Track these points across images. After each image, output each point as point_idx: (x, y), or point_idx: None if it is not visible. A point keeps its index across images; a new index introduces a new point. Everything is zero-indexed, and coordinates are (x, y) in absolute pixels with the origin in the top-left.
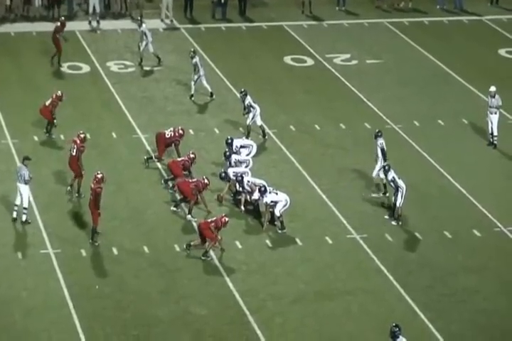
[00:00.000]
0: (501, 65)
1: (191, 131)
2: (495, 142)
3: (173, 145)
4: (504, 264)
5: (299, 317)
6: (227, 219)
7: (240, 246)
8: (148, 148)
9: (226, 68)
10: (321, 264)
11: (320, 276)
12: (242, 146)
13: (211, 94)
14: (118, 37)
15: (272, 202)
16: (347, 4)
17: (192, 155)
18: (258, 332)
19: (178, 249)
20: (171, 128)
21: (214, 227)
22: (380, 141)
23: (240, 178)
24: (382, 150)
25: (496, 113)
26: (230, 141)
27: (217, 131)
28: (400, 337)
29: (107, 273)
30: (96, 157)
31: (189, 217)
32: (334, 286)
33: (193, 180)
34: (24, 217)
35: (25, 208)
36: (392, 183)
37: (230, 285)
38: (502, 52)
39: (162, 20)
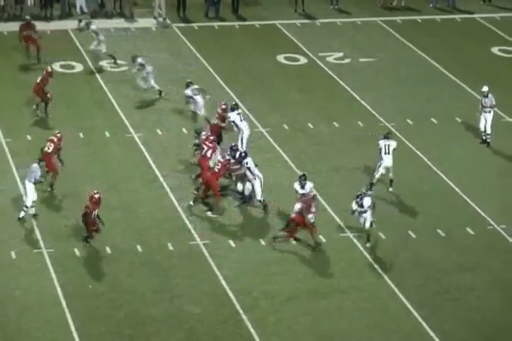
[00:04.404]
0: (494, 63)
1: (184, 130)
2: (488, 140)
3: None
4: (497, 262)
5: (293, 316)
6: None
7: (233, 245)
8: (142, 146)
9: (219, 67)
10: (315, 263)
11: (313, 275)
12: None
13: (159, 93)
14: (111, 36)
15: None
16: (340, 3)
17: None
18: (252, 330)
19: (171, 247)
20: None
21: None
22: (385, 142)
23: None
24: (380, 149)
25: (490, 112)
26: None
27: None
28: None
29: (101, 272)
30: (89, 156)
31: (209, 213)
32: (328, 284)
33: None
34: (22, 214)
35: (26, 206)
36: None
37: (224, 283)
38: (495, 50)
39: (155, 19)
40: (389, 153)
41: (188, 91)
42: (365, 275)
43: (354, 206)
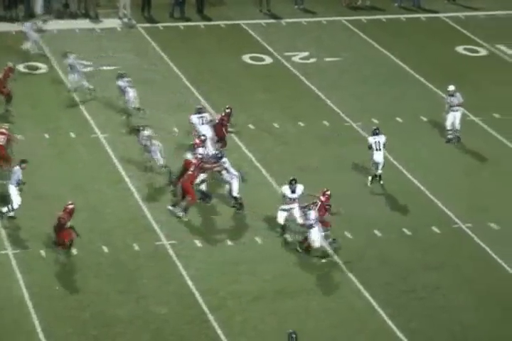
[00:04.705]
0: (459, 62)
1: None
2: (449, 136)
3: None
4: (463, 261)
5: (259, 316)
6: None
7: (199, 245)
8: (107, 147)
9: (184, 67)
10: (281, 262)
11: (280, 274)
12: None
13: (90, 91)
14: (76, 36)
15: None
16: (305, 2)
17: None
18: (218, 330)
19: (137, 248)
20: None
21: None
22: (375, 139)
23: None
24: (370, 146)
25: (458, 110)
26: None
27: (176, 130)
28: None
29: (67, 273)
30: (54, 157)
31: (181, 214)
32: (294, 284)
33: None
34: (5, 209)
35: (12, 207)
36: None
37: (190, 284)
38: (459, 49)
39: (120, 19)
40: (380, 149)
41: (120, 83)
42: (331, 275)
43: (299, 220)
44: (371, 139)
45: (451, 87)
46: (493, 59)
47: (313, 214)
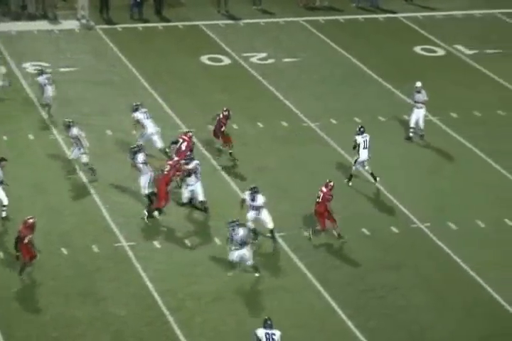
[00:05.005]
0: (417, 62)
1: (109, 132)
2: (410, 134)
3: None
4: (421, 260)
5: (219, 317)
6: None
7: (158, 246)
8: (66, 148)
9: (143, 68)
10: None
11: (239, 275)
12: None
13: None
14: (34, 38)
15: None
16: (263, 3)
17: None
18: (178, 331)
19: (96, 249)
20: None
21: None
22: (364, 138)
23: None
24: (359, 145)
25: (421, 107)
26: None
27: (134, 132)
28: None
29: (26, 275)
30: (13, 158)
31: (156, 214)
32: (253, 285)
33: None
34: (4, 214)
35: (4, 205)
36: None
37: (150, 285)
38: (417, 49)
39: (78, 21)
40: (367, 147)
41: (40, 78)
42: (290, 275)
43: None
44: (360, 138)
45: (418, 83)
46: (451, 59)
47: (242, 232)
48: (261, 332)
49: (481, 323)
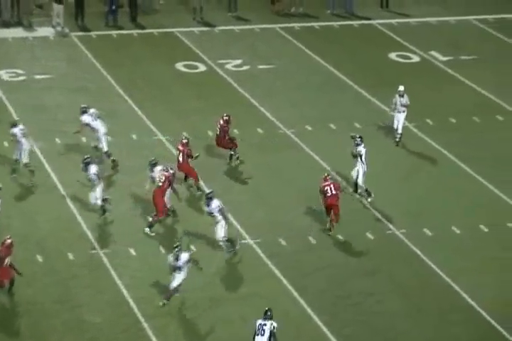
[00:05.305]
0: (392, 69)
1: (83, 139)
2: (397, 139)
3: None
4: (397, 266)
5: (194, 324)
6: None
7: (134, 253)
8: (40, 155)
9: (118, 75)
10: (215, 270)
11: (214, 282)
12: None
13: None
14: (9, 45)
15: None
16: (238, 10)
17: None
18: (153, 338)
19: (71, 257)
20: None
21: None
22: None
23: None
24: (360, 156)
25: (404, 111)
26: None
27: (109, 138)
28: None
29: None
30: None
31: (147, 230)
32: (228, 291)
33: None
34: None
35: None
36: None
37: (125, 292)
38: (392, 55)
39: (53, 28)
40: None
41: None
42: (265, 282)
43: (170, 258)
44: (363, 149)
45: (401, 87)
46: (426, 65)
47: (184, 257)
48: (256, 323)
49: (456, 329)
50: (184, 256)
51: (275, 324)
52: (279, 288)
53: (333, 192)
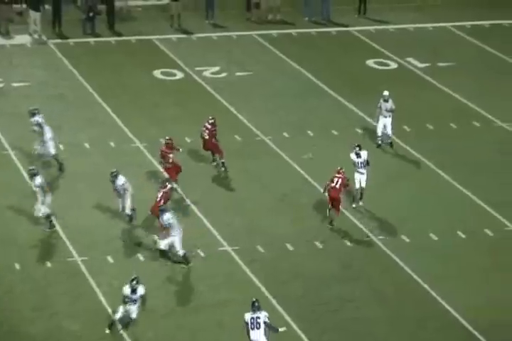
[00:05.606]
0: (369, 76)
1: (61, 146)
2: (380, 143)
3: None
4: (375, 273)
5: (172, 331)
6: None
7: (111, 261)
8: (18, 163)
9: (95, 82)
10: (193, 277)
11: (192, 289)
12: None
13: None
14: None
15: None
16: (216, 17)
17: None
18: None
19: (49, 264)
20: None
21: None
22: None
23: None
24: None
25: (390, 116)
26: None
27: (87, 146)
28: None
29: None
30: None
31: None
32: (206, 298)
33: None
34: None
35: None
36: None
37: (103, 299)
38: (370, 62)
39: (30, 35)
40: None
41: None
42: (243, 289)
43: (127, 290)
44: (353, 156)
45: (386, 92)
46: (403, 72)
47: (141, 291)
48: (247, 317)
49: (434, 336)
50: (141, 290)
51: (266, 313)
52: (257, 295)
53: (338, 185)
